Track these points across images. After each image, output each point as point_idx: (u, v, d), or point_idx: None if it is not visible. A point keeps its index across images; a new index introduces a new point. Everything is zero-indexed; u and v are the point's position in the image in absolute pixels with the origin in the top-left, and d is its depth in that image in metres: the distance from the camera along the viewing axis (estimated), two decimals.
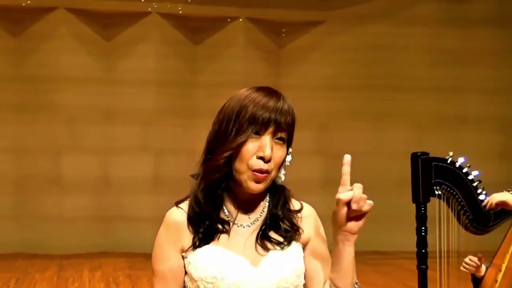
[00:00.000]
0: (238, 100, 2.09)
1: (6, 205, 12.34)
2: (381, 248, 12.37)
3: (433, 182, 3.65)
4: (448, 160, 3.66)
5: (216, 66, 12.96)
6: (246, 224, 2.15)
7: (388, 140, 13.15)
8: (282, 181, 2.17)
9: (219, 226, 2.11)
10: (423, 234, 3.67)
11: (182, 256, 2.12)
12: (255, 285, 2.06)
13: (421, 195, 3.66)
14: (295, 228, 2.16)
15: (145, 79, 12.76)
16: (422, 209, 3.68)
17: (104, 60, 12.78)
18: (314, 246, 2.17)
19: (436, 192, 3.65)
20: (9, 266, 10.75)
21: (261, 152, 2.03)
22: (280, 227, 2.15)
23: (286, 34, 13.46)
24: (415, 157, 3.68)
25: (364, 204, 1.96)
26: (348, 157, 2.00)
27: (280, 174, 2.15)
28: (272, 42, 13.43)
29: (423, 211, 3.67)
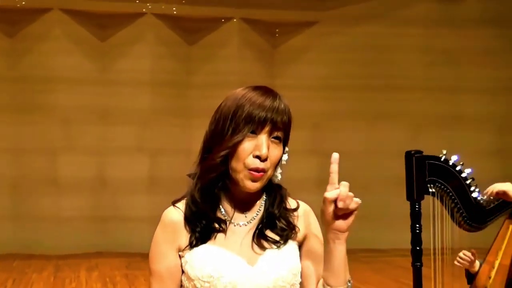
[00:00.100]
0: (235, 100, 2.09)
1: (3, 206, 12.34)
2: (375, 246, 12.43)
3: (427, 180, 3.63)
4: (442, 158, 3.65)
5: (211, 67, 12.97)
6: (243, 223, 2.15)
7: (383, 140, 13.19)
8: (279, 180, 2.17)
9: (216, 225, 2.11)
10: (418, 232, 3.65)
11: (179, 255, 2.12)
12: (252, 284, 2.06)
13: (415, 193, 3.64)
14: (292, 227, 2.16)
15: (140, 80, 12.75)
16: (416, 207, 3.65)
17: (99, 61, 12.77)
18: (310, 245, 2.17)
19: (430, 190, 3.63)
20: (6, 267, 10.72)
21: (258, 151, 2.03)
22: (277, 226, 2.15)
23: (280, 35, 13.48)
24: (409, 156, 3.66)
25: (351, 202, 1.94)
26: (336, 156, 1.98)
27: (277, 173, 2.14)
28: (267, 43, 13.44)
29: (417, 209, 3.65)
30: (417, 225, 3.66)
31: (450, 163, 3.66)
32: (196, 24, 13.06)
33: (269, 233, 2.14)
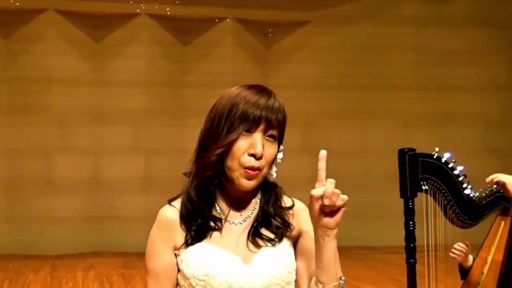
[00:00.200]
0: (229, 98, 2.09)
1: None
2: (368, 244, 12.44)
3: (420, 178, 3.63)
4: (434, 156, 3.66)
5: (205, 66, 12.97)
6: (238, 221, 2.15)
7: (376, 138, 13.23)
8: (274, 178, 2.17)
9: (211, 224, 2.12)
10: (411, 229, 3.64)
11: (175, 254, 2.12)
12: (247, 282, 2.07)
13: (409, 190, 3.63)
14: (286, 225, 2.17)
15: (135, 80, 12.74)
16: (410, 204, 3.65)
17: (94, 61, 12.74)
18: (305, 243, 2.17)
19: (423, 187, 3.63)
20: (2, 268, 10.69)
21: (253, 150, 2.04)
22: (272, 224, 2.15)
23: (273, 34, 13.49)
24: (402, 153, 3.65)
25: (337, 199, 1.93)
26: (324, 153, 1.97)
27: (272, 171, 2.15)
28: (260, 42, 13.45)
29: (411, 206, 3.65)
30: (411, 222, 3.65)
31: (443, 161, 3.67)
32: (190, 24, 13.05)
33: (264, 231, 2.14)
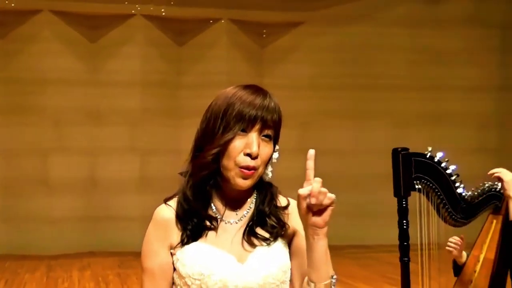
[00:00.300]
0: (225, 98, 2.09)
1: None
2: (362, 242, 12.47)
3: (414, 177, 3.66)
4: (427, 155, 3.69)
5: (201, 67, 12.96)
6: (234, 221, 2.15)
7: (369, 138, 13.27)
8: (269, 178, 2.17)
9: (207, 223, 2.12)
10: (405, 227, 3.66)
11: (171, 253, 2.12)
12: (242, 282, 2.07)
13: (402, 189, 3.66)
14: (282, 224, 2.17)
15: (131, 80, 12.72)
16: (403, 203, 3.67)
17: (90, 62, 12.72)
18: (299, 242, 2.17)
19: (416, 186, 3.66)
20: None
21: (248, 149, 2.04)
22: (267, 223, 2.15)
23: (267, 35, 13.51)
24: (396, 153, 3.68)
25: (324, 198, 1.94)
26: (312, 152, 1.99)
27: (267, 171, 2.15)
28: (254, 43, 13.45)
29: (404, 205, 3.67)
30: (404, 221, 3.67)
31: (436, 160, 3.70)
32: (185, 25, 13.04)
33: (259, 231, 2.15)
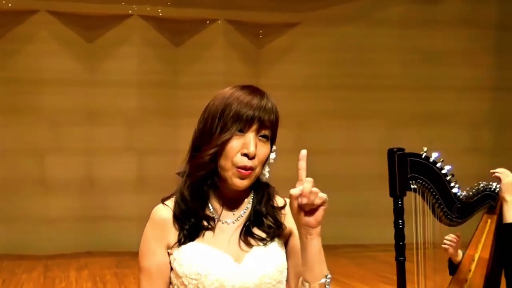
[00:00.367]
0: (223, 99, 2.10)
1: None
2: (359, 242, 12.48)
3: (409, 177, 3.66)
4: (423, 156, 3.70)
5: (197, 67, 12.96)
6: (231, 221, 2.16)
7: (365, 138, 13.30)
8: (266, 178, 2.18)
9: (204, 223, 2.12)
10: (401, 227, 3.67)
11: (168, 253, 2.13)
12: (238, 282, 2.08)
13: (398, 189, 3.66)
14: (278, 224, 2.17)
15: (128, 81, 12.72)
16: (399, 203, 3.68)
17: (87, 62, 12.71)
18: (295, 242, 2.16)
19: (412, 186, 3.67)
20: None
21: (245, 149, 2.05)
22: (264, 223, 2.16)
23: (264, 36, 13.52)
24: (392, 153, 3.69)
25: (316, 198, 1.94)
26: (304, 152, 2.00)
27: (264, 171, 2.16)
28: (251, 43, 13.47)
29: (400, 205, 3.68)
30: (400, 221, 3.68)
31: (431, 160, 3.71)
32: (182, 26, 13.04)
33: (256, 231, 2.15)
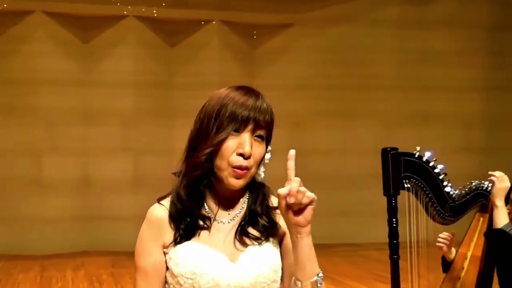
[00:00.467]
0: (218, 99, 2.11)
1: None
2: (353, 240, 12.50)
3: (403, 176, 3.69)
4: (416, 155, 3.72)
5: (192, 68, 12.99)
6: (226, 221, 2.17)
7: (359, 138, 13.36)
8: (262, 178, 2.19)
9: (200, 223, 2.13)
10: (394, 226, 3.69)
11: (164, 252, 2.13)
12: (233, 281, 2.08)
13: (392, 188, 3.69)
14: (273, 224, 2.18)
15: (123, 81, 12.74)
16: (393, 202, 3.70)
17: (82, 62, 12.73)
18: (289, 242, 2.12)
19: (406, 185, 3.69)
20: None
21: (241, 149, 2.06)
22: (259, 223, 2.17)
23: (258, 36, 13.56)
24: (385, 153, 3.72)
25: (303, 197, 1.95)
26: (293, 152, 2.01)
27: (260, 171, 2.17)
28: (245, 44, 13.49)
29: (394, 204, 3.70)
30: (394, 219, 3.70)
31: (424, 160, 3.74)
32: (177, 26, 13.07)
33: (251, 230, 2.16)
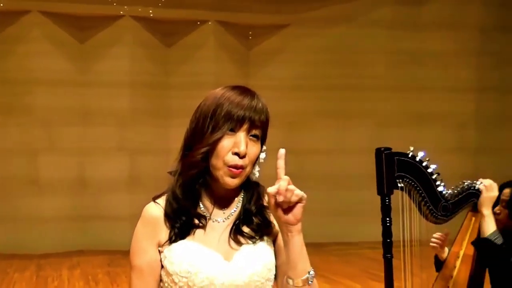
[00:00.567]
0: (214, 99, 2.13)
1: None
2: (347, 239, 12.55)
3: (396, 175, 3.70)
4: (409, 155, 3.74)
5: (188, 68, 13.03)
6: (221, 219, 2.18)
7: (353, 137, 13.41)
8: (256, 178, 2.20)
9: (196, 221, 2.14)
10: (388, 225, 3.71)
11: (159, 251, 2.14)
12: (228, 280, 2.10)
13: (385, 188, 3.71)
14: (267, 223, 2.19)
15: (120, 81, 12.78)
16: (386, 201, 3.72)
17: (79, 62, 12.76)
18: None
19: (399, 185, 3.70)
20: None
21: (236, 148, 2.08)
22: (253, 222, 2.18)
23: (254, 37, 13.61)
24: (379, 152, 3.74)
25: (292, 196, 1.96)
26: (282, 151, 2.02)
27: (255, 171, 2.18)
28: (241, 44, 13.53)
29: (387, 203, 3.72)
30: (387, 218, 3.72)
31: (417, 159, 3.76)
32: (173, 27, 13.11)
33: (246, 229, 2.18)
